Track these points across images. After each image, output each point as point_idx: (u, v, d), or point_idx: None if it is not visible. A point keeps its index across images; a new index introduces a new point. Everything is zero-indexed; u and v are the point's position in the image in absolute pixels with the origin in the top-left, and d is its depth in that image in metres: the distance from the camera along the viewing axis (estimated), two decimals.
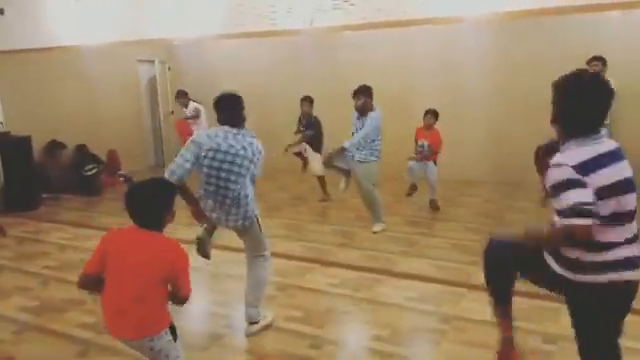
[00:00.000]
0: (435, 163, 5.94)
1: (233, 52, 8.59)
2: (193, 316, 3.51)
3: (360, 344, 3.21)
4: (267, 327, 3.30)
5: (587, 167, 1.82)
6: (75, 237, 5.43)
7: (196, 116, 7.56)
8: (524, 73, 6.70)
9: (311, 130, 6.41)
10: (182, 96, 7.63)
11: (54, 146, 7.36)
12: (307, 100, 6.49)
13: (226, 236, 3.43)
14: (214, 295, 3.88)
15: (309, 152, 6.44)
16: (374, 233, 5.20)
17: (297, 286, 3.97)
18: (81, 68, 7.56)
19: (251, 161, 3.06)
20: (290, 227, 5.56)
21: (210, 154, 3.02)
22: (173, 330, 2.21)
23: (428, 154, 5.86)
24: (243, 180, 3.07)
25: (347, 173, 5.51)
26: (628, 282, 1.91)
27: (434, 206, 6.00)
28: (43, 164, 7.17)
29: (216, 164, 3.03)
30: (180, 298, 2.19)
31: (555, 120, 1.98)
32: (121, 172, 7.88)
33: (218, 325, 3.43)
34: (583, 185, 1.80)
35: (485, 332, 2.90)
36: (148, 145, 9.59)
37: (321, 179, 6.58)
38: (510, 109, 6.97)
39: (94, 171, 7.47)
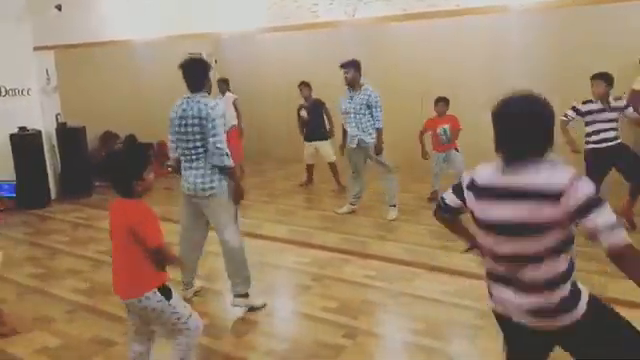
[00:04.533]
0: (457, 150, 5.94)
1: (277, 45, 8.68)
2: (224, 304, 3.61)
3: (395, 336, 3.21)
4: (253, 309, 3.42)
5: None
6: None
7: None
8: (573, 63, 6.44)
9: (316, 113, 6.61)
10: (223, 83, 7.77)
11: (107, 136, 7.71)
12: (305, 84, 6.75)
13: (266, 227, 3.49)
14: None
15: (317, 144, 6.65)
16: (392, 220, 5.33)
17: (333, 277, 4.01)
18: (133, 62, 7.84)
19: (201, 124, 3.10)
20: (327, 219, 5.59)
21: (175, 122, 3.22)
22: (167, 291, 2.28)
23: (451, 138, 5.89)
24: (200, 144, 3.16)
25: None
26: None
27: None
28: (97, 154, 7.52)
29: (176, 129, 3.22)
30: (150, 251, 2.18)
31: None
32: (168, 163, 8.13)
33: (255, 312, 3.49)
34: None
35: None
36: None
37: (333, 166, 6.56)
38: (560, 100, 6.72)
39: None
